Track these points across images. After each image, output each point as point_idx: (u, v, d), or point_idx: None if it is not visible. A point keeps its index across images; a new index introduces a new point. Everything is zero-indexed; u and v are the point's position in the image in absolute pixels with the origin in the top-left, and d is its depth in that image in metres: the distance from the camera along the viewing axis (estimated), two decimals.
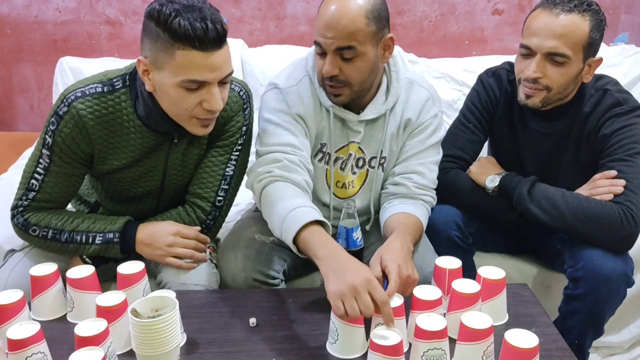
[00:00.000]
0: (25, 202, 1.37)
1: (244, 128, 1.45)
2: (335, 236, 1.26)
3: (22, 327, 1.02)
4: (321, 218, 1.22)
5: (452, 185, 1.58)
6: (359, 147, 1.50)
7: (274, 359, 1.09)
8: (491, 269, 1.21)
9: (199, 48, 1.18)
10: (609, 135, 1.48)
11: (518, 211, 1.52)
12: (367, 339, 1.11)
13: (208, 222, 1.46)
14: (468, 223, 1.56)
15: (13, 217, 1.39)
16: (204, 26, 1.17)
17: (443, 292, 1.18)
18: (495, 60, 1.81)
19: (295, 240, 1.20)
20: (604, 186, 1.44)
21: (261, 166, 1.38)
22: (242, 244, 1.46)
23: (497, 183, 1.55)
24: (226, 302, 1.29)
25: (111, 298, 1.11)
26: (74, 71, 2.41)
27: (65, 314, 1.24)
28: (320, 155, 1.51)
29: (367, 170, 1.53)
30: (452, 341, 1.07)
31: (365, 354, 1.09)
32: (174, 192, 1.48)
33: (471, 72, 2.32)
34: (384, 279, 1.18)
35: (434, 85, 1.56)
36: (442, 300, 1.14)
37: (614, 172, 1.44)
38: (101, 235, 1.36)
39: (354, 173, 1.53)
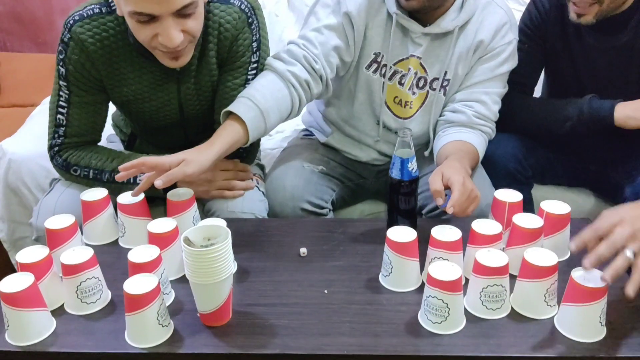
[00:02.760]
0: (58, 140, 1.35)
1: (255, 44, 1.35)
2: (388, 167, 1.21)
3: (76, 252, 1.02)
4: (246, 117, 1.26)
5: (510, 109, 1.48)
6: (421, 64, 1.42)
7: (326, 290, 1.07)
8: (555, 203, 1.14)
9: None
10: None
11: (576, 116, 1.43)
12: (420, 273, 1.08)
13: (244, 147, 1.41)
14: (528, 155, 1.48)
15: (52, 158, 1.37)
16: None
17: (502, 226, 1.12)
18: None
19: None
20: None
21: None
22: (290, 172, 1.43)
23: None
24: (275, 231, 1.27)
25: (162, 225, 1.09)
26: None
27: (117, 239, 1.25)
28: (374, 67, 1.43)
29: (428, 92, 1.45)
30: (511, 277, 1.02)
31: (419, 288, 1.06)
32: (197, 120, 1.44)
33: None
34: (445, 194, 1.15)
35: (519, 12, 1.46)
36: (502, 235, 1.08)
37: None
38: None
39: (414, 93, 1.45)
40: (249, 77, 1.36)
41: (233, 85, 1.36)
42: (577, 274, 0.94)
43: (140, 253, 1.00)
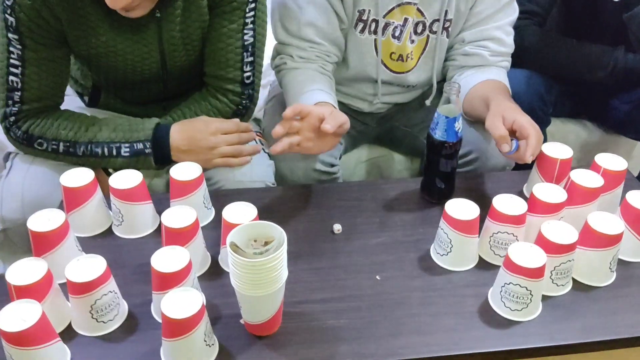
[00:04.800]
0: (14, 108, 1.09)
1: None
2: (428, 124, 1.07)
3: (82, 263, 0.83)
4: (329, 100, 1.16)
5: (530, 45, 1.35)
6: (418, 9, 1.25)
7: (378, 276, 0.95)
8: (610, 157, 1.05)
9: None
10: None
11: (610, 67, 1.33)
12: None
13: (244, 103, 1.21)
14: (550, 90, 1.38)
15: (8, 130, 1.11)
16: None
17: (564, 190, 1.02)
18: None
19: None
20: None
21: (278, 56, 1.30)
22: None
23: None
24: (296, 202, 1.12)
25: (180, 216, 0.91)
26: None
27: (110, 226, 1.05)
28: (361, 26, 1.26)
29: (428, 36, 1.29)
30: None
31: (477, 265, 0.97)
32: (182, 72, 1.22)
33: None
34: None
35: None
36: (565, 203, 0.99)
37: None
38: (127, 145, 1.11)
39: (412, 42, 1.28)
40: (247, 20, 1.14)
41: (229, 32, 1.13)
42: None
43: (166, 259, 0.83)
